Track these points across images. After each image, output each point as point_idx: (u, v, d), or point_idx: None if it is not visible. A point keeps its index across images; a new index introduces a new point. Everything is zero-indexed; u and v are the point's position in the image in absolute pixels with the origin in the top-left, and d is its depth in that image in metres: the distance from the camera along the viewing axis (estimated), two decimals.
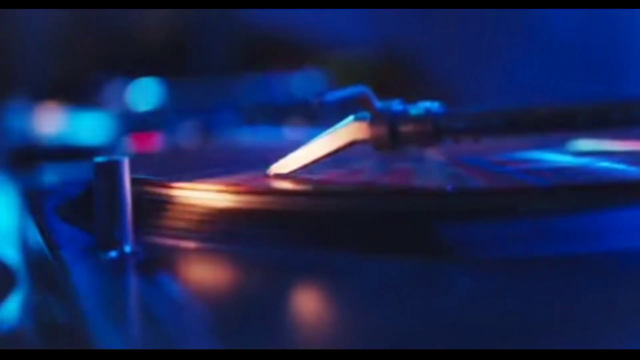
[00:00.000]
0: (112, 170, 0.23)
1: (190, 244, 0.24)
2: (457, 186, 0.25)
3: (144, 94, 0.74)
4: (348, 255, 0.22)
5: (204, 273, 0.22)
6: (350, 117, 0.29)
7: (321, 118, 0.56)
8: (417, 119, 0.29)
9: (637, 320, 0.17)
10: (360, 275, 0.21)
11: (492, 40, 0.76)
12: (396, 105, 0.29)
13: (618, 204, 0.23)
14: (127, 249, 0.23)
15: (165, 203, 0.27)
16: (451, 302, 0.18)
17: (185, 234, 0.25)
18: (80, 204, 0.30)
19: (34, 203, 0.34)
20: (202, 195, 0.26)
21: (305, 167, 0.29)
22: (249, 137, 0.58)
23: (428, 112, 0.29)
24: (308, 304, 0.19)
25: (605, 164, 0.30)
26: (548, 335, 0.16)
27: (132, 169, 0.24)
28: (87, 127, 0.69)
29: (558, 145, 0.36)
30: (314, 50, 0.87)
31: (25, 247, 0.35)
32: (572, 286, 0.19)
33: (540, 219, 0.23)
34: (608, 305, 0.18)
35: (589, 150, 0.35)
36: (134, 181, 0.24)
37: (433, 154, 0.33)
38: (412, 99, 0.30)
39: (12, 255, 0.40)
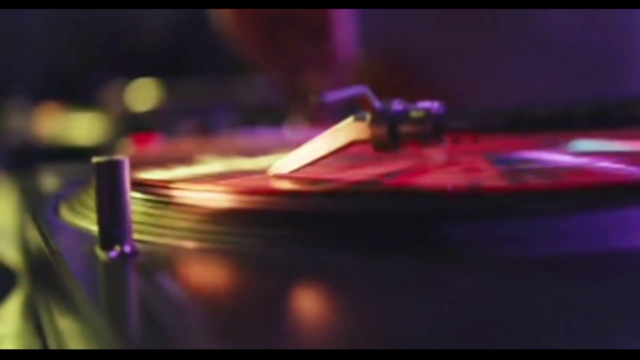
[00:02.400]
0: (112, 170, 0.23)
1: (190, 244, 0.24)
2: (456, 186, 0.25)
3: (143, 94, 0.74)
4: (348, 255, 0.22)
5: (204, 273, 0.22)
6: (350, 117, 0.29)
7: (321, 118, 0.56)
8: (417, 119, 0.29)
9: (638, 321, 0.17)
10: (360, 275, 0.21)
11: (492, 39, 0.76)
12: (395, 105, 0.29)
13: (619, 203, 0.23)
14: (127, 248, 0.23)
15: (165, 203, 0.27)
16: (451, 302, 0.18)
17: (185, 234, 0.25)
18: (80, 204, 0.30)
19: (34, 203, 0.34)
20: (202, 195, 0.26)
21: (305, 167, 0.29)
22: (247, 137, 0.58)
23: (427, 112, 0.29)
24: (308, 304, 0.19)
25: (604, 163, 0.30)
26: (548, 336, 0.16)
27: (132, 168, 0.24)
28: (87, 128, 0.69)
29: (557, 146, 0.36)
30: None
31: (25, 247, 0.35)
32: (573, 286, 0.19)
33: (540, 219, 0.23)
34: (609, 305, 0.18)
35: (589, 150, 0.35)
36: (134, 181, 0.24)
37: (433, 153, 0.33)
38: (412, 99, 0.30)
39: (12, 255, 0.40)
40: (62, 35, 1.11)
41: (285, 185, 0.28)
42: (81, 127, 0.70)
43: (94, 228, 0.25)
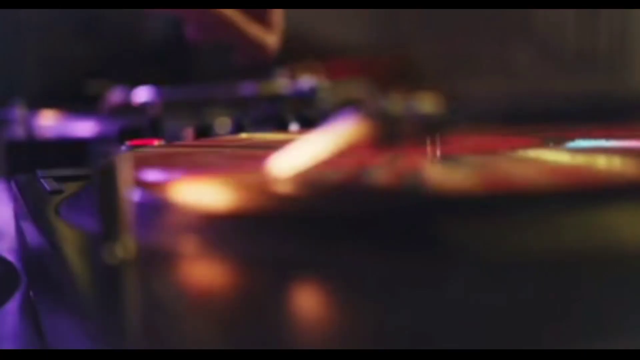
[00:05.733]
0: (112, 171, 0.23)
1: (190, 244, 0.24)
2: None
3: (144, 100, 0.74)
4: (348, 256, 0.22)
5: (204, 273, 0.22)
6: (349, 115, 0.29)
7: (320, 116, 0.56)
8: (416, 116, 0.29)
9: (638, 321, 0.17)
10: (360, 275, 0.21)
11: (491, 37, 0.76)
12: (395, 102, 0.29)
13: (614, 201, 0.23)
14: (127, 248, 0.23)
15: (165, 203, 0.27)
16: (451, 302, 0.18)
17: (184, 234, 0.25)
18: (80, 204, 0.30)
19: (34, 203, 0.34)
20: (202, 195, 0.26)
21: (305, 168, 0.29)
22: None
23: (426, 108, 0.29)
24: (308, 304, 0.19)
25: (602, 161, 0.30)
26: (549, 335, 0.16)
27: (132, 168, 0.24)
28: (86, 133, 0.69)
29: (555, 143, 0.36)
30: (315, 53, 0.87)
31: (25, 247, 0.35)
32: (573, 286, 0.19)
33: (538, 219, 0.23)
34: (609, 306, 0.18)
35: (586, 147, 0.35)
36: (133, 181, 0.24)
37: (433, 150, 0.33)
38: (411, 96, 0.30)
39: (12, 255, 0.40)
40: (62, 41, 1.11)
41: (284, 186, 0.28)
42: (81, 133, 0.70)
43: (93, 228, 0.25)
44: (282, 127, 0.57)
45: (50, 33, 1.10)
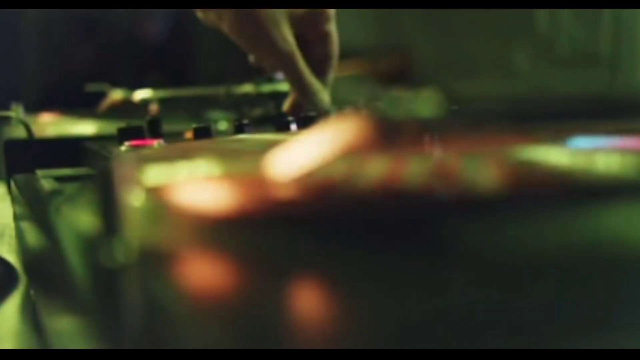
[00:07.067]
0: (111, 172, 0.23)
1: (189, 245, 0.24)
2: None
3: (146, 102, 0.74)
4: (348, 256, 0.22)
5: (204, 273, 0.22)
6: (348, 114, 0.29)
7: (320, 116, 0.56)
8: (415, 116, 0.29)
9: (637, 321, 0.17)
10: (361, 275, 0.21)
11: (491, 38, 0.76)
12: (395, 102, 0.29)
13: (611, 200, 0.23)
14: (127, 248, 0.23)
15: (165, 204, 0.27)
16: (451, 302, 0.18)
17: (184, 235, 0.25)
18: (79, 205, 0.30)
19: (34, 204, 0.35)
20: (202, 196, 0.26)
21: (306, 169, 0.29)
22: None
23: (425, 109, 0.29)
24: (308, 304, 0.19)
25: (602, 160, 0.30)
26: (549, 335, 0.16)
27: (132, 170, 0.24)
28: (89, 135, 0.69)
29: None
30: None
31: (25, 247, 0.35)
32: (572, 286, 0.19)
33: (538, 219, 0.23)
34: (607, 306, 0.18)
35: (587, 148, 0.35)
36: (133, 182, 0.24)
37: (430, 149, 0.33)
38: (411, 97, 0.30)
39: (12, 255, 0.40)
40: (63, 45, 1.11)
41: (285, 187, 0.28)
42: (82, 134, 0.70)
43: (93, 228, 0.25)
44: (282, 127, 0.57)
45: (51, 35, 1.11)
